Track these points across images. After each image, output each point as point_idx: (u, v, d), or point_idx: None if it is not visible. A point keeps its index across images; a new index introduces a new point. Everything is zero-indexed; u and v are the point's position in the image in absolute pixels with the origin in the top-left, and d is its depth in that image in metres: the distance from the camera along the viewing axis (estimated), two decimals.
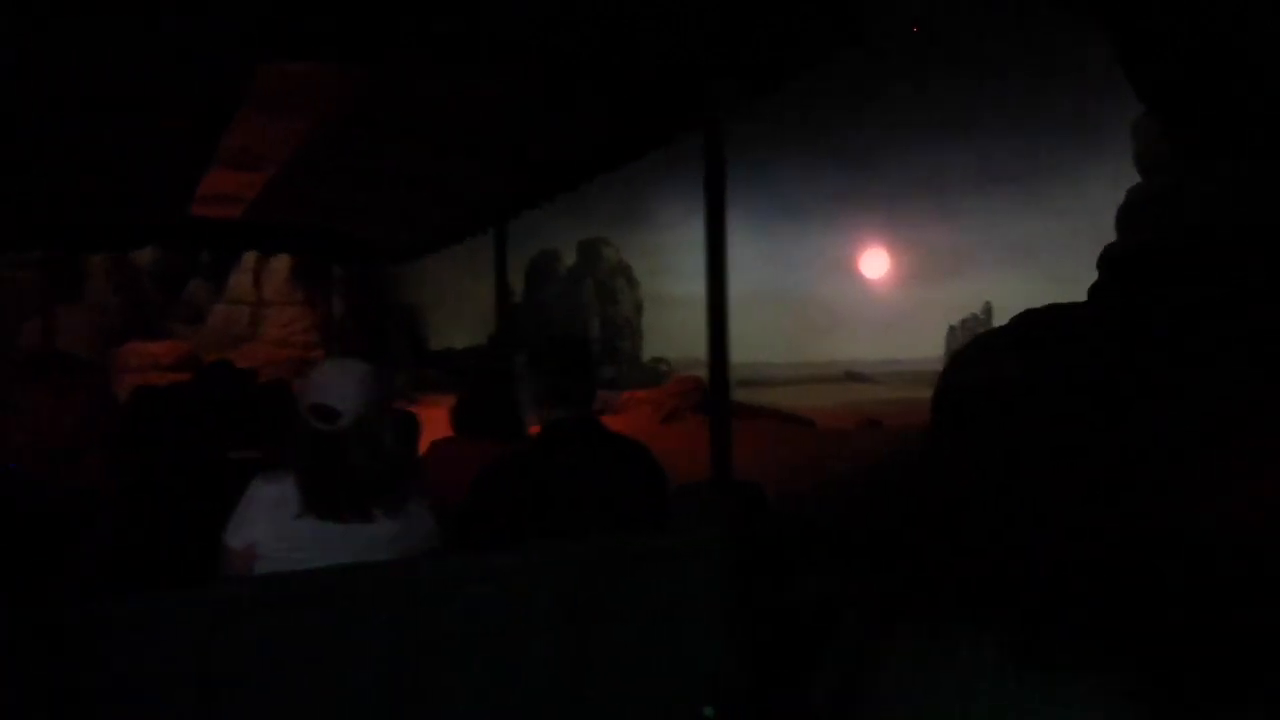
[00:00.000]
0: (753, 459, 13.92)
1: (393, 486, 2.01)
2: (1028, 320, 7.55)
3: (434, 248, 5.24)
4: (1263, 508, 4.37)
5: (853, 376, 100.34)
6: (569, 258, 79.22)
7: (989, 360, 7.21)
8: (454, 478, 2.46)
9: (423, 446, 3.17)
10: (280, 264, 34.12)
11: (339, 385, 2.01)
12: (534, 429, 2.45)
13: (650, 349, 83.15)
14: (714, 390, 2.55)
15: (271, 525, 1.93)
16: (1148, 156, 8.79)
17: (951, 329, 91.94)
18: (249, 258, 33.85)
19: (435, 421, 3.32)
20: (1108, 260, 8.23)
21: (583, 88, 2.65)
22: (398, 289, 45.66)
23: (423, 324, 49.35)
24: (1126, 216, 8.61)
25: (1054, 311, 7.68)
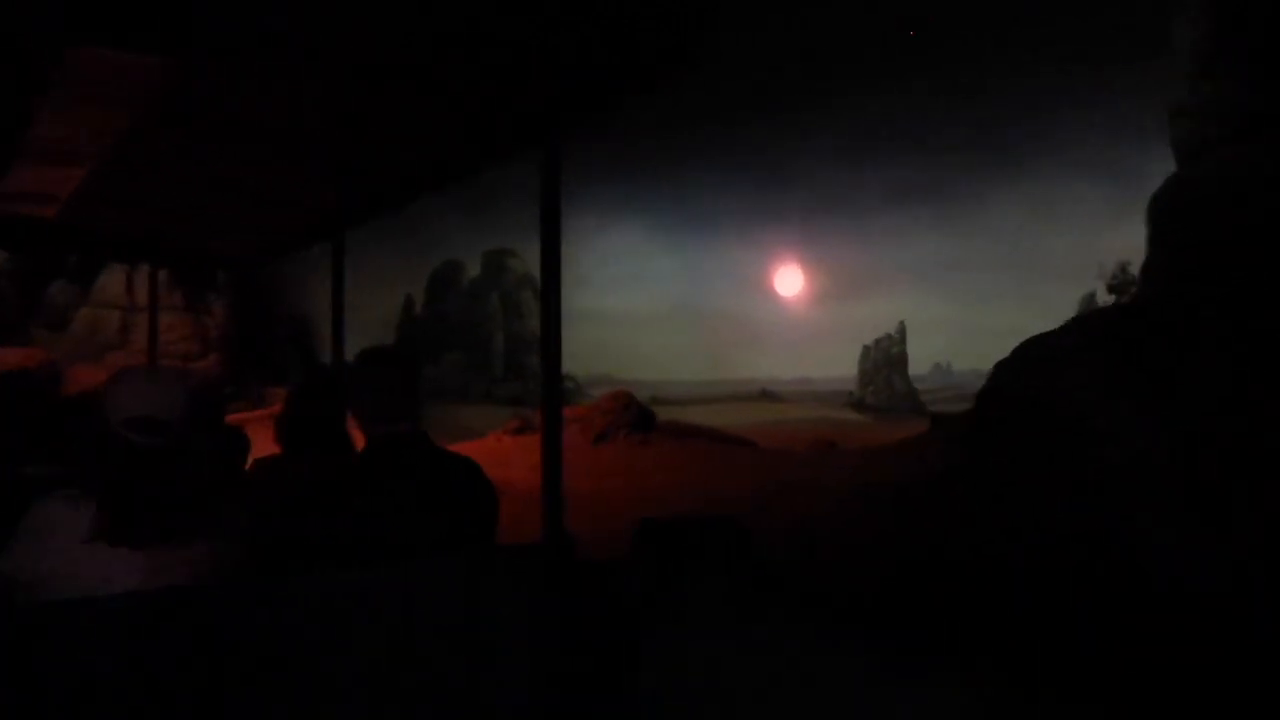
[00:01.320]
0: (714, 486, 13.19)
1: (204, 508, 1.95)
2: (1085, 324, 7.31)
3: (268, 258, 5.20)
4: None
5: (767, 395, 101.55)
6: (473, 269, 78.31)
7: (1034, 370, 6.96)
8: (277, 495, 2.47)
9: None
10: None
11: (159, 399, 1.91)
12: (360, 444, 2.46)
13: None
14: (546, 413, 2.61)
15: (57, 550, 1.80)
16: (1191, 142, 8.52)
17: (865, 348, 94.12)
18: None
19: None
20: (1157, 256, 8.05)
21: (417, 99, 2.71)
22: (287, 297, 44.34)
23: (312, 335, 48.00)
24: (1167, 208, 8.24)
25: (1109, 314, 7.45)
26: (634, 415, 19.48)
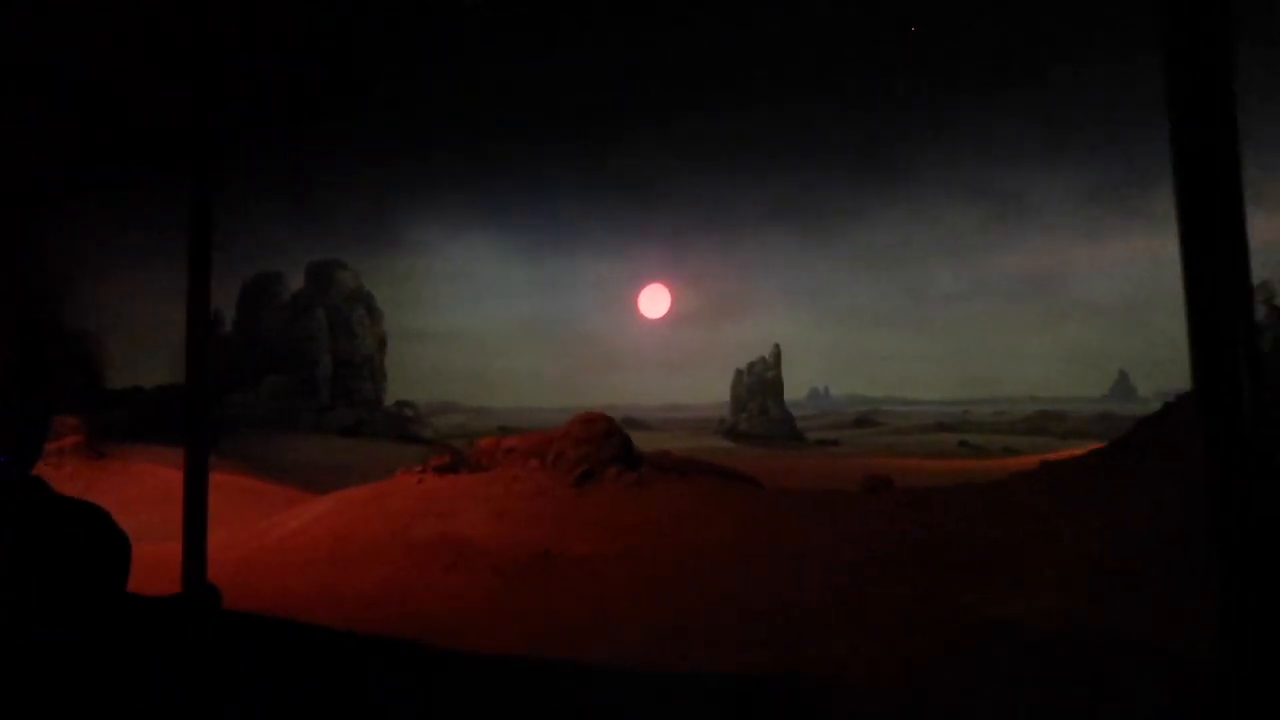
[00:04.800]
0: (804, 558, 9.98)
1: None
2: None
3: None
4: None
5: (631, 423, 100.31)
6: (296, 282, 73.98)
7: None
8: None
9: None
10: None
11: None
12: None
13: (395, 391, 78.89)
14: (189, 451, 2.94)
15: None
16: None
17: (738, 373, 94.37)
18: None
19: (137, 478, 1.93)
20: None
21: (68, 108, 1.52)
22: (65, 309, 40.39)
23: (99, 355, 43.80)
24: None
25: None
26: (619, 446, 15.26)
